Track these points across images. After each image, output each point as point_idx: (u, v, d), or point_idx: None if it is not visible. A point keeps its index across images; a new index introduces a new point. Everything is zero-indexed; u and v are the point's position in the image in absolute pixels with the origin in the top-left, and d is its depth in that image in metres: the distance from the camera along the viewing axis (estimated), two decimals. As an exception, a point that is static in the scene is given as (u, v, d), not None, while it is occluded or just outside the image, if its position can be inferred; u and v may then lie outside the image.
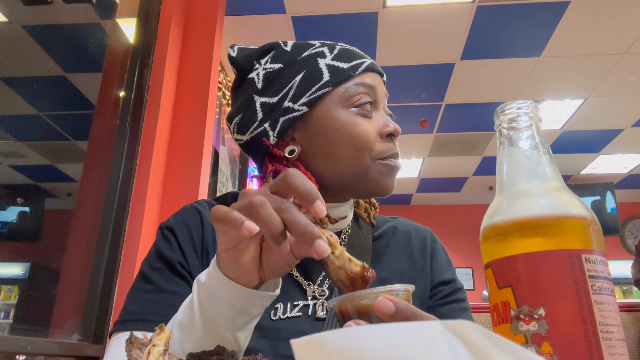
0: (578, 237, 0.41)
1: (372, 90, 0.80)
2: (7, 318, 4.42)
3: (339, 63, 0.81)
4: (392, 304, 0.42)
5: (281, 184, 0.49)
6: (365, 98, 0.79)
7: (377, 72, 0.84)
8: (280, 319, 0.72)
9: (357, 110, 0.79)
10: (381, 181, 0.79)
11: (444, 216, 7.63)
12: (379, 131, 0.79)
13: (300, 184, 0.48)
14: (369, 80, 0.81)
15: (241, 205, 0.48)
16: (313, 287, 0.76)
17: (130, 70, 2.50)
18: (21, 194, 2.68)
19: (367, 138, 0.77)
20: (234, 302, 0.52)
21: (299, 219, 0.47)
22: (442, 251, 0.89)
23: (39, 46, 2.25)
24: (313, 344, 0.26)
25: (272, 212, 0.47)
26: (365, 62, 0.82)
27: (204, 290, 0.54)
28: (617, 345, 0.38)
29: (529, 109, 0.47)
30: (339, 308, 0.46)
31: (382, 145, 0.79)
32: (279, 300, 0.74)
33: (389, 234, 0.88)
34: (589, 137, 5.36)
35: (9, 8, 1.95)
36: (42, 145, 2.69)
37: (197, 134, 2.61)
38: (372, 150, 0.78)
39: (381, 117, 0.81)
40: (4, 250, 2.53)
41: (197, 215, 0.80)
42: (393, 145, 0.80)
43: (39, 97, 2.42)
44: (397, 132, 0.80)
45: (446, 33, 3.60)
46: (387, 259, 0.83)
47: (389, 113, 0.85)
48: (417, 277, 0.82)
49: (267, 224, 0.47)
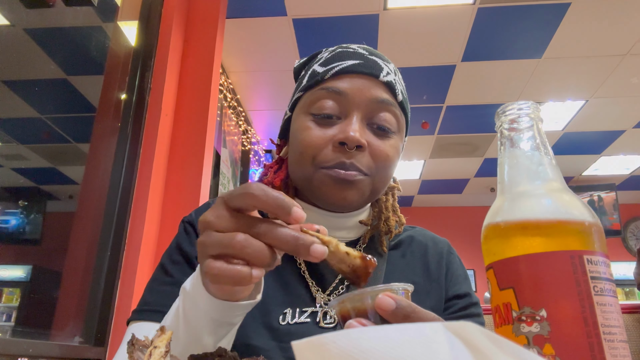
0: (580, 238, 0.41)
1: (340, 96, 0.74)
2: (9, 320, 4.42)
3: (320, 67, 0.78)
4: (392, 301, 0.42)
5: (242, 199, 0.45)
6: (324, 104, 0.74)
7: (361, 74, 0.75)
8: (289, 324, 0.72)
9: (314, 117, 0.75)
10: (324, 191, 0.73)
11: (445, 218, 7.62)
12: (332, 138, 0.73)
13: (266, 199, 0.44)
14: (343, 84, 0.74)
15: (223, 250, 0.44)
16: (322, 294, 0.75)
17: (132, 73, 2.50)
18: (23, 197, 2.69)
19: (309, 144, 0.73)
20: (216, 316, 0.52)
21: (285, 238, 0.44)
22: (459, 264, 0.87)
23: (40, 49, 2.25)
24: (314, 346, 0.26)
25: (258, 245, 0.44)
26: (340, 65, 0.76)
27: (188, 301, 0.53)
28: (619, 347, 0.38)
29: (530, 110, 0.47)
30: (340, 309, 0.46)
31: (328, 153, 0.72)
32: (288, 305, 0.73)
33: (406, 243, 0.86)
34: (591, 139, 5.36)
35: (11, 11, 1.96)
36: (44, 147, 2.70)
37: (198, 136, 2.61)
38: (315, 157, 0.73)
39: (345, 125, 0.73)
40: (6, 253, 2.53)
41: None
42: (342, 155, 0.72)
43: (40, 100, 2.43)
44: (347, 141, 0.71)
45: (447, 35, 3.60)
46: (402, 269, 0.82)
47: (379, 123, 0.75)
48: (432, 289, 0.80)
49: (257, 259, 0.44)
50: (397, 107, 0.77)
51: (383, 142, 0.75)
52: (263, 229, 0.44)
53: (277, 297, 0.74)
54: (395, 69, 0.83)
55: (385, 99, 0.75)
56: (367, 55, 0.79)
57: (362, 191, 0.74)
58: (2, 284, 4.32)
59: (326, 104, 0.74)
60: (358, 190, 0.73)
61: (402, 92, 0.79)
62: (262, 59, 3.81)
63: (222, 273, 0.44)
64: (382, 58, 0.80)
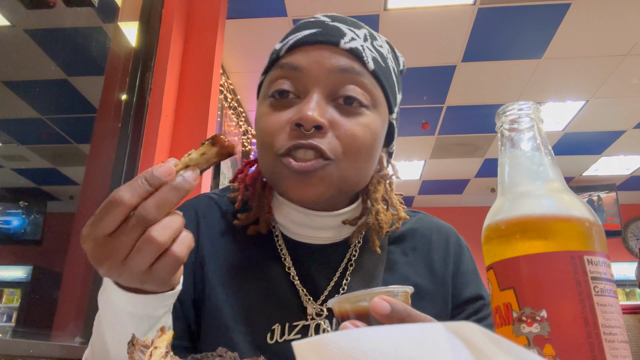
0: (580, 239, 0.41)
1: (296, 72, 0.64)
2: (9, 321, 4.42)
3: (279, 44, 0.69)
4: (387, 304, 0.41)
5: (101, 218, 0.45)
6: (280, 84, 0.65)
7: (319, 43, 0.65)
8: (277, 342, 0.66)
9: (272, 101, 0.66)
10: (285, 187, 0.64)
11: (445, 218, 7.51)
12: (289, 121, 0.63)
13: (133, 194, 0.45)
14: (298, 58, 0.65)
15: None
16: (314, 304, 0.69)
17: (132, 74, 2.50)
18: (23, 197, 2.69)
19: (266, 130, 0.65)
20: (131, 310, 0.49)
21: (153, 210, 0.44)
22: (469, 259, 0.79)
23: (41, 50, 2.25)
24: (314, 347, 0.26)
25: (140, 258, 0.44)
26: (294, 38, 0.66)
27: (103, 304, 0.51)
28: (620, 347, 0.38)
29: (530, 110, 0.47)
30: (339, 309, 0.46)
31: (285, 137, 0.63)
32: (276, 321, 0.67)
33: (408, 237, 0.78)
34: (591, 139, 5.35)
35: (12, 12, 1.96)
36: (45, 148, 2.70)
37: (198, 136, 2.61)
38: (272, 145, 0.64)
39: (303, 104, 0.63)
40: (7, 254, 2.53)
41: (194, 217, 0.75)
42: (299, 137, 0.62)
43: (41, 101, 2.43)
44: (302, 121, 0.61)
45: (447, 35, 3.60)
46: (403, 269, 0.74)
47: (344, 96, 0.64)
48: (436, 293, 0.73)
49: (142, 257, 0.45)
50: (367, 76, 0.65)
51: (349, 120, 0.64)
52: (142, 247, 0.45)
53: (265, 310, 0.68)
54: (370, 33, 0.71)
55: (349, 68, 0.64)
56: (329, 22, 0.68)
57: (326, 181, 0.63)
58: (2, 285, 4.32)
59: (282, 82, 0.65)
60: (321, 181, 0.62)
61: (376, 59, 0.67)
62: (263, 59, 3.77)
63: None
64: (348, 23, 0.69)
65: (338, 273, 0.72)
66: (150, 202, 0.44)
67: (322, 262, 0.73)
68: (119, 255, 0.44)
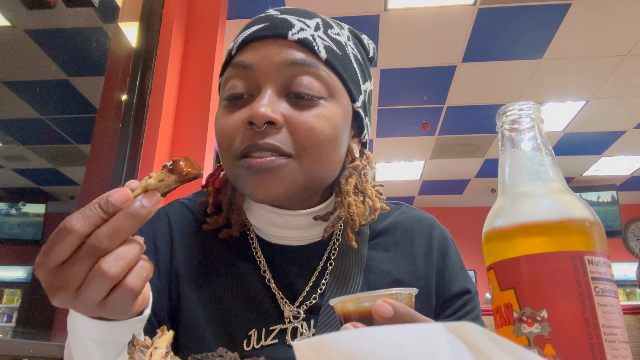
0: (581, 239, 0.41)
1: (246, 70, 0.63)
2: (9, 321, 4.43)
3: (231, 43, 0.68)
4: (390, 307, 0.40)
5: (53, 245, 0.41)
6: (233, 84, 0.64)
7: (266, 38, 0.63)
8: (254, 348, 0.64)
9: (227, 102, 0.65)
10: (245, 187, 0.62)
11: (446, 218, 7.58)
12: (243, 120, 0.62)
13: (73, 228, 0.41)
14: (247, 56, 0.64)
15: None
16: (291, 307, 0.67)
17: (133, 74, 2.51)
18: (24, 197, 2.69)
19: (222, 133, 0.64)
20: (96, 337, 0.47)
21: (111, 231, 0.41)
22: (454, 252, 0.77)
23: (41, 50, 2.26)
24: (315, 347, 0.26)
25: (96, 286, 0.42)
26: (243, 34, 0.65)
27: (70, 326, 0.49)
28: (620, 348, 0.38)
29: (531, 110, 0.47)
30: (342, 309, 0.46)
31: (240, 138, 0.62)
32: (253, 325, 0.65)
33: (389, 232, 0.76)
34: (591, 139, 5.35)
35: (12, 12, 1.96)
36: (45, 148, 2.70)
37: (199, 136, 2.61)
38: (229, 147, 0.63)
39: (254, 102, 0.61)
40: (7, 254, 2.53)
41: (167, 224, 0.72)
42: (254, 136, 0.60)
43: (41, 101, 2.43)
44: (253, 119, 0.59)
45: (448, 35, 3.60)
46: (385, 266, 0.72)
47: (296, 91, 0.62)
48: (418, 287, 0.71)
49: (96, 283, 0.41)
50: (320, 66, 0.63)
51: (303, 113, 0.62)
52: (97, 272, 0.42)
53: (241, 316, 0.67)
54: (324, 22, 0.68)
55: (298, 60, 0.62)
56: (277, 15, 0.66)
57: (288, 179, 0.61)
58: (3, 285, 4.32)
59: (235, 83, 0.64)
60: (281, 178, 0.61)
61: (328, 48, 0.65)
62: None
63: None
64: (297, 14, 0.67)
65: (316, 273, 0.70)
66: (103, 230, 0.42)
67: (299, 264, 0.71)
68: (71, 286, 0.41)
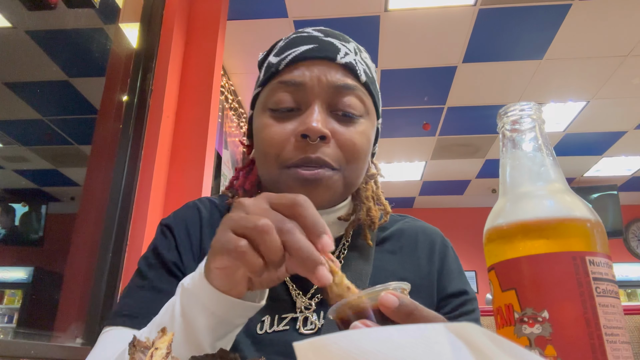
0: (582, 240, 0.41)
1: (296, 87, 0.69)
2: (10, 322, 4.42)
3: (274, 57, 0.73)
4: (395, 298, 0.42)
5: (286, 209, 0.46)
6: (281, 98, 0.69)
7: (316, 59, 0.70)
8: (267, 332, 0.68)
9: (273, 113, 0.70)
10: (292, 192, 0.69)
11: (446, 219, 7.61)
12: (294, 132, 0.68)
13: (306, 213, 0.45)
14: (296, 74, 0.69)
15: (245, 227, 0.45)
16: (303, 298, 0.72)
17: (133, 75, 2.51)
18: (25, 198, 2.69)
19: (271, 142, 0.68)
20: (217, 311, 0.50)
21: (302, 244, 0.44)
22: (453, 258, 0.82)
23: (42, 51, 2.26)
24: (315, 347, 0.26)
25: (276, 239, 0.44)
26: (292, 53, 0.71)
27: (187, 297, 0.52)
28: (621, 348, 0.38)
29: (532, 111, 0.47)
30: (339, 315, 0.46)
31: (291, 149, 0.67)
32: (266, 313, 0.70)
33: (395, 237, 0.82)
34: (592, 140, 5.35)
35: (13, 13, 1.96)
36: (46, 149, 2.70)
37: (199, 138, 2.61)
38: (278, 156, 0.68)
39: (306, 116, 0.67)
40: (8, 255, 2.54)
41: (197, 214, 0.78)
42: (306, 149, 0.66)
43: (42, 102, 2.43)
44: (309, 132, 0.65)
45: (448, 36, 3.60)
46: (391, 266, 0.77)
47: (343, 110, 0.70)
48: (421, 286, 0.76)
49: (270, 252, 0.44)
50: (361, 89, 0.72)
51: (348, 129, 0.70)
52: (287, 227, 0.45)
53: None
54: (357, 47, 0.76)
55: (346, 84, 0.70)
56: (323, 37, 0.73)
57: (332, 189, 0.69)
58: (3, 286, 4.32)
59: (283, 97, 0.69)
60: (327, 189, 0.68)
61: (365, 71, 0.73)
62: (264, 60, 3.80)
63: (240, 248, 0.44)
64: (339, 38, 0.75)
65: None
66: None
67: None
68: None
